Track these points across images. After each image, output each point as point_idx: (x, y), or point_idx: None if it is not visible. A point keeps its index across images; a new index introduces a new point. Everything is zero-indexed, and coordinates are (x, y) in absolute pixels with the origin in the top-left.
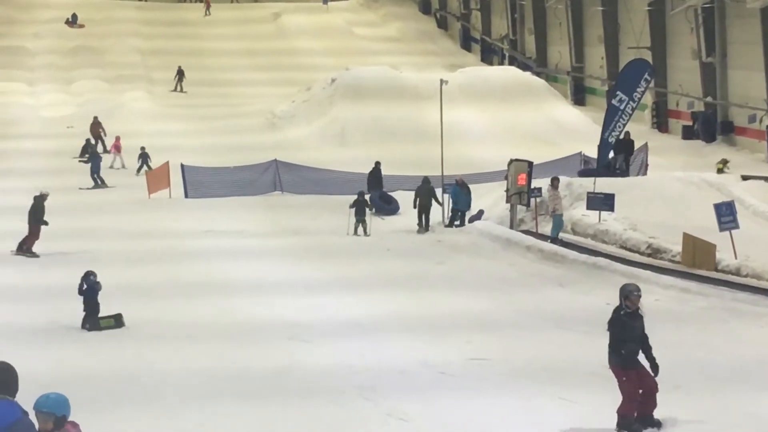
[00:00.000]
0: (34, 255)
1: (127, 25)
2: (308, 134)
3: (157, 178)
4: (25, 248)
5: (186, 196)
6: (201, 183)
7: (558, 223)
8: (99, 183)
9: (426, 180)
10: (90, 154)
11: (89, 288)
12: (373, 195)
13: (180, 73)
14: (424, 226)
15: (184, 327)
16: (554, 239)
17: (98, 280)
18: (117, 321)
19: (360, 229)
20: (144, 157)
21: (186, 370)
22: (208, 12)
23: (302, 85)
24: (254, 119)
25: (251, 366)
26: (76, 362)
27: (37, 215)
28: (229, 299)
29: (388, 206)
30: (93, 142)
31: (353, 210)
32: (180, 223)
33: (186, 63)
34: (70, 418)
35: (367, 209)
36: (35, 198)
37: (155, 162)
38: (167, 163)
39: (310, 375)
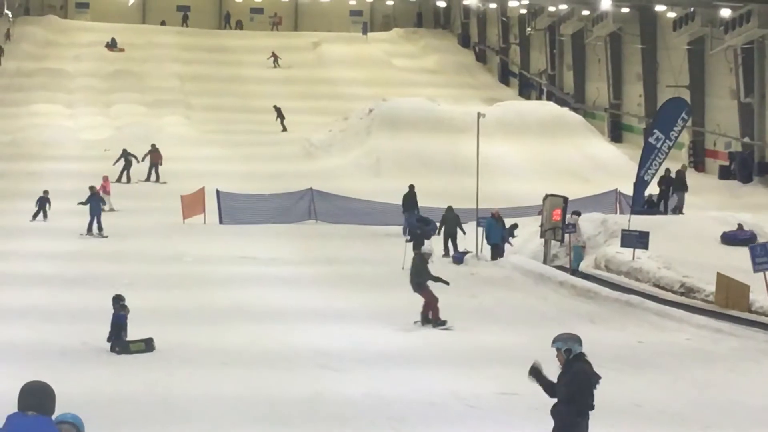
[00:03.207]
0: (444, 324)
1: (167, 50)
2: (344, 164)
3: (192, 204)
4: (433, 319)
5: (220, 222)
6: (236, 209)
7: (578, 255)
8: (95, 230)
9: (450, 208)
10: (90, 195)
11: (116, 313)
12: (410, 218)
13: (278, 111)
14: (450, 252)
15: (215, 353)
16: (575, 271)
17: (126, 303)
18: (147, 345)
19: None
20: (42, 200)
21: (216, 395)
22: (277, 64)
23: (339, 114)
24: (291, 147)
25: (281, 393)
26: (107, 385)
27: (423, 276)
28: (262, 326)
29: (426, 227)
30: (149, 168)
31: (410, 244)
32: (214, 249)
33: (225, 89)
34: None
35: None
36: (416, 256)
37: (189, 187)
38: (203, 188)
39: (340, 404)
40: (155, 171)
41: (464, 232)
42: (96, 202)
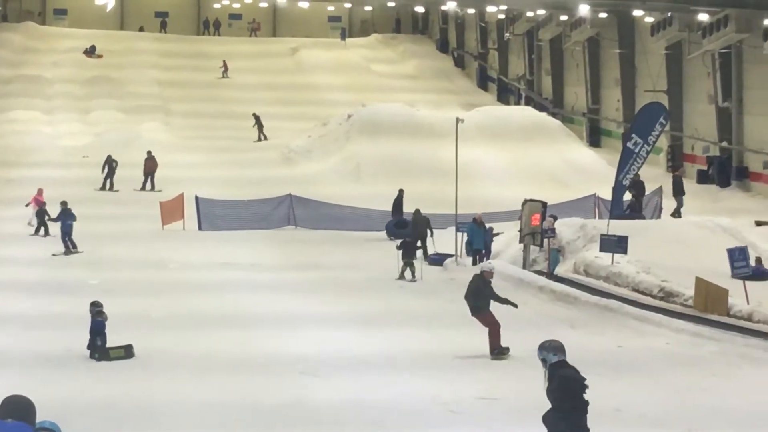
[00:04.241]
0: (504, 354)
1: (146, 56)
2: (324, 169)
3: (172, 210)
4: (492, 346)
5: (200, 228)
6: (215, 215)
7: (554, 259)
8: (70, 248)
9: (417, 211)
10: (60, 212)
11: (93, 319)
12: (389, 223)
13: (257, 120)
14: (423, 254)
15: (195, 359)
16: (551, 274)
17: (103, 310)
18: (127, 351)
19: (408, 273)
20: (42, 213)
21: (197, 401)
22: (225, 74)
23: (319, 120)
24: (270, 153)
25: (261, 399)
26: (86, 391)
27: (485, 298)
28: (242, 332)
29: (401, 231)
30: (144, 177)
31: (401, 252)
32: (194, 255)
33: (204, 95)
34: None
35: (416, 252)
36: (476, 276)
37: (169, 193)
38: (182, 194)
39: (321, 409)
40: (150, 179)
41: (432, 234)
42: (66, 218)
